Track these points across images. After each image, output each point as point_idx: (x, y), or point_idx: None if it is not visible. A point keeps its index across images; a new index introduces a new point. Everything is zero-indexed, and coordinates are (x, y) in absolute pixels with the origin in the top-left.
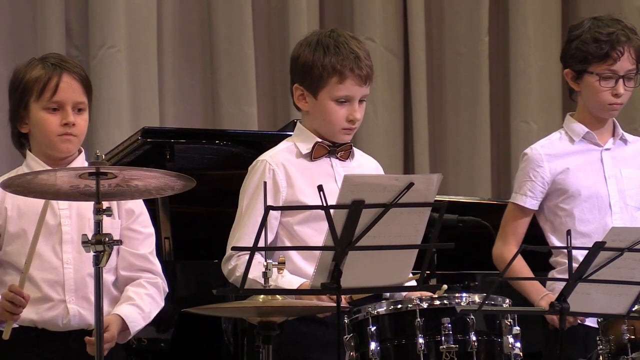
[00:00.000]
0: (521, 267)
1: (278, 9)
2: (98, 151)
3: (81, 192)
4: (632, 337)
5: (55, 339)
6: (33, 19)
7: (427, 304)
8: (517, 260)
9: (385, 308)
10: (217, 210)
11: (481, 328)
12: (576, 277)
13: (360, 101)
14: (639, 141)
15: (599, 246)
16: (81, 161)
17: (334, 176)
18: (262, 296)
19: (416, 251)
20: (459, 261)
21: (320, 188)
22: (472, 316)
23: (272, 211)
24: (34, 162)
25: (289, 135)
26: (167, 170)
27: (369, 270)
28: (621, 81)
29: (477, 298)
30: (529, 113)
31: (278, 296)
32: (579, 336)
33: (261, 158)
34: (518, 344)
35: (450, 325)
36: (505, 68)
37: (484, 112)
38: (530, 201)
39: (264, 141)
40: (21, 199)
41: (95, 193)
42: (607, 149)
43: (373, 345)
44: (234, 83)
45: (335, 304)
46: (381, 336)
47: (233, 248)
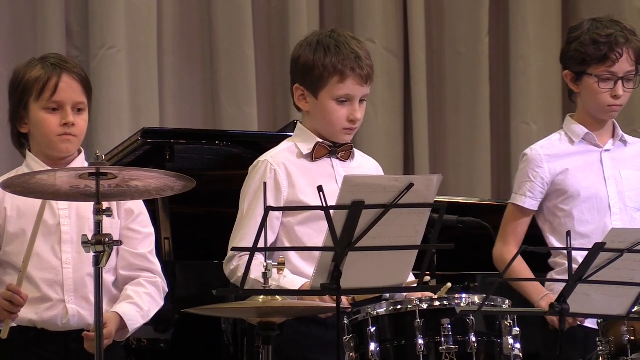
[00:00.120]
0: (521, 268)
1: (278, 10)
2: (98, 151)
3: (81, 193)
4: (632, 338)
5: (54, 339)
6: (33, 20)
7: (427, 305)
8: (518, 261)
9: (385, 309)
10: (217, 210)
11: (481, 329)
12: (576, 278)
13: (360, 101)
14: (639, 142)
15: (599, 247)
16: (81, 161)
17: (335, 176)
18: (262, 297)
19: (416, 252)
20: (459, 262)
21: (320, 189)
22: (472, 317)
23: (274, 211)
24: (34, 163)
25: (289, 135)
26: (167, 170)
27: (369, 271)
28: (620, 83)
29: (477, 299)
30: (529, 114)
31: (278, 297)
32: (578, 337)
33: (262, 158)
34: (518, 345)
35: (450, 326)
36: (505, 69)
37: (484, 113)
38: (529, 202)
39: (264, 142)
40: (21, 199)
41: (95, 193)
42: (607, 150)
43: (373, 346)
44: (234, 83)
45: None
46: (381, 337)
47: (233, 249)
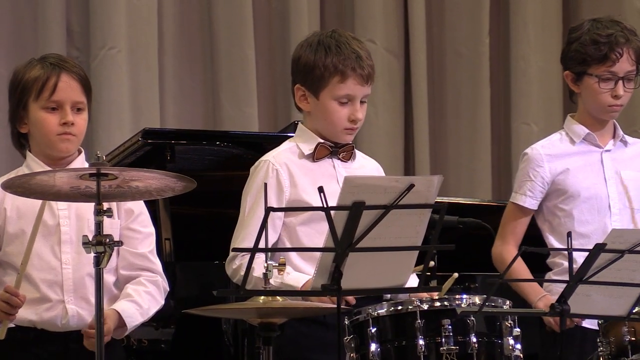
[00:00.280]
0: (520, 268)
1: (279, 10)
2: (99, 152)
3: (82, 193)
4: (633, 339)
5: (54, 340)
6: (34, 20)
7: (428, 306)
8: (517, 262)
9: (385, 309)
10: (218, 211)
11: (481, 329)
12: (577, 279)
13: (361, 101)
14: (639, 143)
15: (600, 248)
16: (81, 161)
17: (336, 177)
18: (263, 297)
19: (416, 253)
20: (460, 263)
21: (320, 189)
22: (473, 318)
23: (276, 212)
24: (34, 163)
25: (290, 136)
26: (168, 171)
27: (370, 271)
28: (621, 82)
29: (478, 299)
30: (530, 114)
31: (278, 297)
32: (576, 338)
33: (264, 158)
34: (518, 346)
35: (450, 326)
36: (506, 69)
37: (485, 114)
38: (529, 201)
39: (265, 142)
40: (21, 200)
41: (95, 194)
42: (608, 151)
43: (373, 346)
44: (235, 84)
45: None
46: (381, 337)
47: (234, 249)
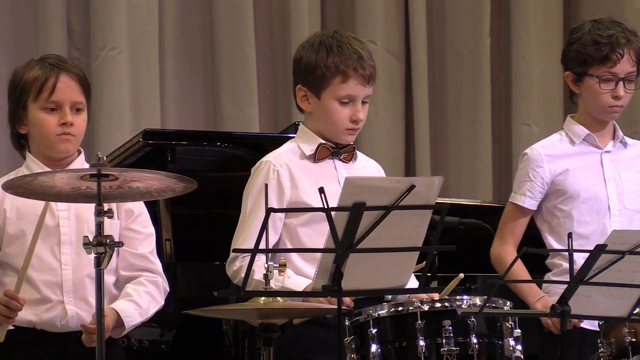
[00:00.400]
0: (519, 269)
1: (279, 11)
2: (99, 153)
3: (82, 194)
4: (633, 340)
5: (53, 340)
6: (34, 21)
7: (428, 307)
8: (516, 262)
9: (386, 310)
10: (219, 212)
11: (482, 330)
12: (577, 280)
13: (363, 102)
14: (638, 145)
15: (600, 249)
16: (80, 162)
17: (337, 178)
18: (263, 298)
19: (417, 254)
20: (460, 263)
21: (321, 190)
22: (473, 319)
23: (277, 213)
24: (34, 164)
25: (291, 137)
26: (169, 172)
27: (370, 272)
28: (621, 83)
29: (478, 300)
30: (531, 115)
31: (279, 298)
32: (576, 339)
33: (265, 159)
34: (519, 347)
35: (451, 327)
36: (506, 70)
37: (485, 114)
38: (529, 201)
39: (266, 143)
40: (20, 201)
41: (96, 195)
42: (607, 152)
43: (374, 347)
44: (235, 85)
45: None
46: (382, 338)
47: (234, 250)
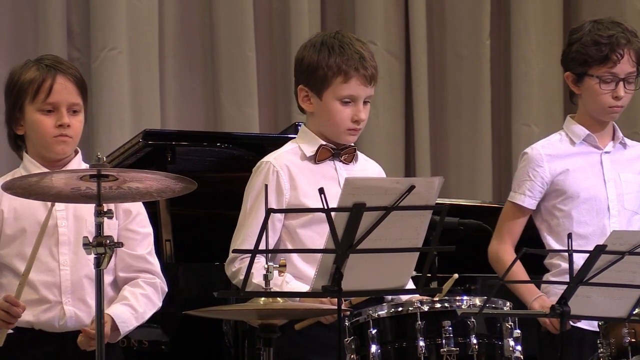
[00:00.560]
0: (517, 270)
1: (279, 11)
2: (99, 153)
3: (82, 195)
4: (633, 341)
5: (51, 341)
6: (35, 21)
7: (428, 307)
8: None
9: (386, 311)
10: (218, 212)
11: (482, 331)
12: (577, 281)
13: (365, 102)
14: (637, 146)
15: (600, 249)
16: (77, 162)
17: (338, 179)
18: (263, 299)
19: (417, 254)
20: (460, 264)
21: (321, 191)
22: (473, 319)
23: (276, 213)
24: (31, 164)
25: (291, 138)
26: (169, 172)
27: (370, 273)
28: (621, 84)
29: (478, 301)
30: (531, 116)
31: (279, 299)
32: (575, 339)
33: (265, 159)
34: (519, 347)
35: (451, 328)
36: (506, 71)
37: (485, 115)
38: (528, 200)
39: (265, 144)
40: (18, 201)
41: (96, 195)
42: (607, 152)
43: (374, 348)
44: (235, 85)
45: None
46: (382, 339)
47: (234, 251)
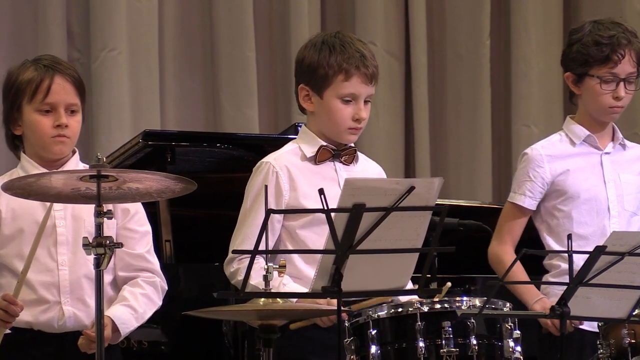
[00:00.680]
0: (517, 271)
1: (279, 12)
2: (99, 154)
3: (82, 195)
4: (633, 341)
5: (50, 341)
6: (34, 22)
7: (428, 308)
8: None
9: (385, 311)
10: (218, 213)
11: (482, 332)
12: (577, 281)
13: (365, 102)
14: (637, 147)
15: (600, 250)
16: (75, 162)
17: (338, 180)
18: (263, 299)
19: (417, 255)
20: (460, 265)
21: (321, 192)
22: (473, 320)
23: (275, 214)
24: (28, 164)
25: (290, 138)
26: (168, 173)
27: (370, 274)
28: (622, 84)
29: (478, 302)
30: (530, 116)
31: (279, 299)
32: (575, 340)
33: (265, 160)
34: (518, 348)
35: (450, 329)
36: (506, 71)
37: (485, 116)
38: (529, 201)
39: (265, 144)
40: (16, 201)
41: (96, 196)
42: (607, 153)
43: (373, 348)
44: (235, 86)
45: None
46: (382, 340)
47: (234, 251)
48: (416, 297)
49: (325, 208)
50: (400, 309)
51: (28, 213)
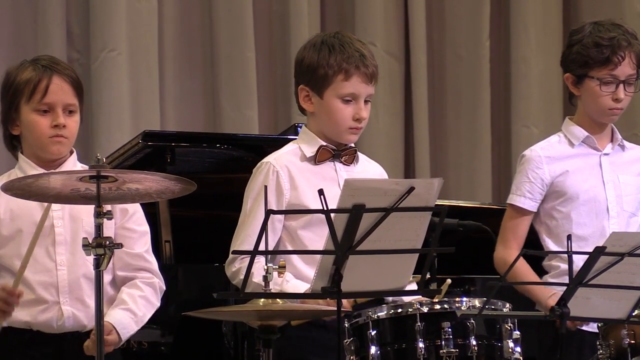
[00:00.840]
0: (525, 270)
1: (279, 13)
2: (99, 154)
3: (82, 196)
4: (632, 342)
5: (49, 341)
6: (34, 23)
7: (428, 309)
8: (521, 263)
9: (385, 312)
10: (218, 213)
11: (481, 332)
12: (576, 282)
13: (366, 101)
14: (636, 148)
15: (600, 251)
16: (73, 162)
17: (338, 180)
18: (263, 300)
19: (417, 255)
20: (460, 265)
21: (320, 192)
22: (473, 320)
23: (276, 214)
24: (26, 165)
25: (290, 139)
26: (168, 173)
27: (370, 274)
28: (622, 86)
29: (478, 302)
30: (530, 117)
31: (278, 300)
32: (574, 341)
33: (266, 160)
34: (518, 349)
35: (450, 329)
36: (506, 72)
37: (485, 116)
38: (529, 202)
39: (265, 145)
40: (15, 202)
41: (95, 196)
42: (606, 154)
43: (373, 349)
44: (235, 87)
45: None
46: (381, 340)
47: (233, 252)
48: (420, 297)
49: (324, 208)
50: (400, 310)
51: (26, 214)
